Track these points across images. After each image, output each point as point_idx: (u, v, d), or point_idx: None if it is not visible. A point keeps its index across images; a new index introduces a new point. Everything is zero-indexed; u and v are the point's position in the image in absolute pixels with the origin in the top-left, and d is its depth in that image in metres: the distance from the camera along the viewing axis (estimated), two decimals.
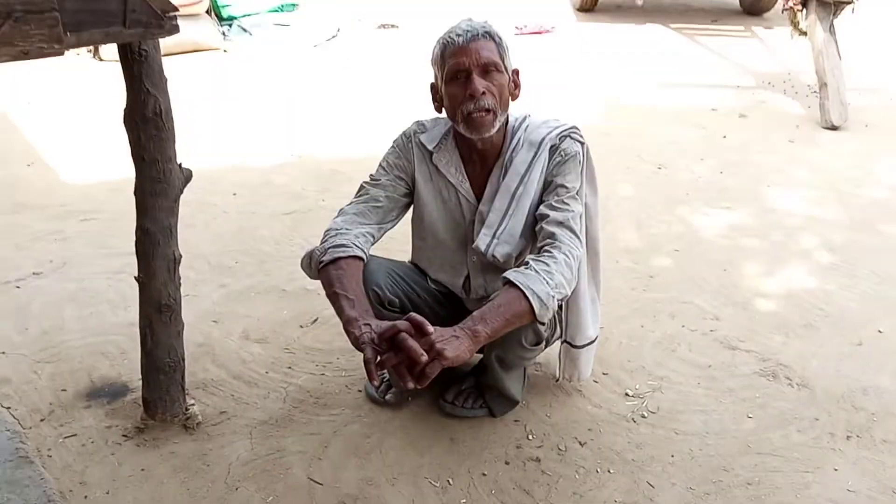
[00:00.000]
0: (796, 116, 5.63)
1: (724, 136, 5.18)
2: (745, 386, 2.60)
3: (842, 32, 5.83)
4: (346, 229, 2.18)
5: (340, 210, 2.27)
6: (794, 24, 6.03)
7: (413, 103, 3.94)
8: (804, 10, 5.86)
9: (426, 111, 2.34)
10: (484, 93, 2.08)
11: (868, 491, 2.13)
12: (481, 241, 2.23)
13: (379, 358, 1.80)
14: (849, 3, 5.60)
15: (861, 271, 3.36)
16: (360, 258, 2.13)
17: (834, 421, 2.42)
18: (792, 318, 3.00)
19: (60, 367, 2.68)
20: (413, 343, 1.77)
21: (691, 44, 7.85)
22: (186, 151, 2.39)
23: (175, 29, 1.90)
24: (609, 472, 2.21)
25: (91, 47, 7.44)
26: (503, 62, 2.13)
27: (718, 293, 3.19)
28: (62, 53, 1.66)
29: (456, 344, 1.81)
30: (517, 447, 2.31)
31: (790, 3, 5.96)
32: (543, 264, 1.99)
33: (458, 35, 2.08)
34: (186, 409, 2.38)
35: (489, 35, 2.11)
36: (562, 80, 6.46)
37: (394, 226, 2.34)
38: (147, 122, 2.07)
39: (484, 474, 2.20)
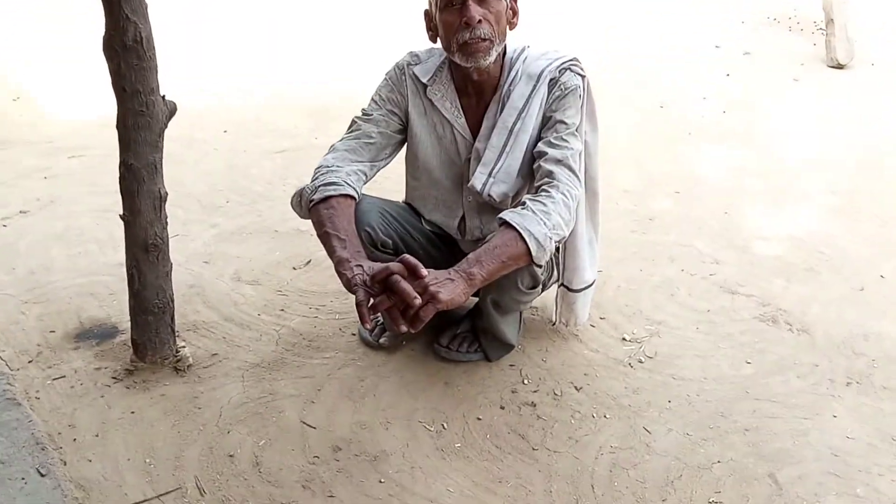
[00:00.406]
0: (801, 54, 5.52)
1: (728, 74, 5.08)
2: (745, 331, 2.56)
3: None
4: (338, 167, 2.11)
5: (332, 146, 2.20)
6: None
7: (407, 32, 3.82)
8: None
9: (420, 41, 2.24)
10: (480, 20, 1.99)
11: (867, 438, 2.11)
12: (477, 180, 2.16)
13: (372, 301, 1.75)
14: None
15: (864, 214, 3.31)
16: (352, 197, 2.07)
17: (834, 367, 2.39)
18: (793, 262, 2.95)
19: (48, 307, 2.63)
20: (406, 285, 1.72)
21: None
22: (173, 85, 2.31)
23: None
24: (605, 417, 2.18)
25: None
26: None
27: (719, 236, 3.14)
28: None
29: (451, 287, 1.77)
30: (512, 392, 2.28)
31: None
32: (541, 204, 1.93)
33: None
34: (177, 352, 2.33)
35: None
36: (559, 9, 6.30)
37: (387, 163, 2.27)
38: (127, 50, 1.97)
39: (479, 419, 2.17)
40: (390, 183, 3.14)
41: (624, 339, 2.52)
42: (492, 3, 2.02)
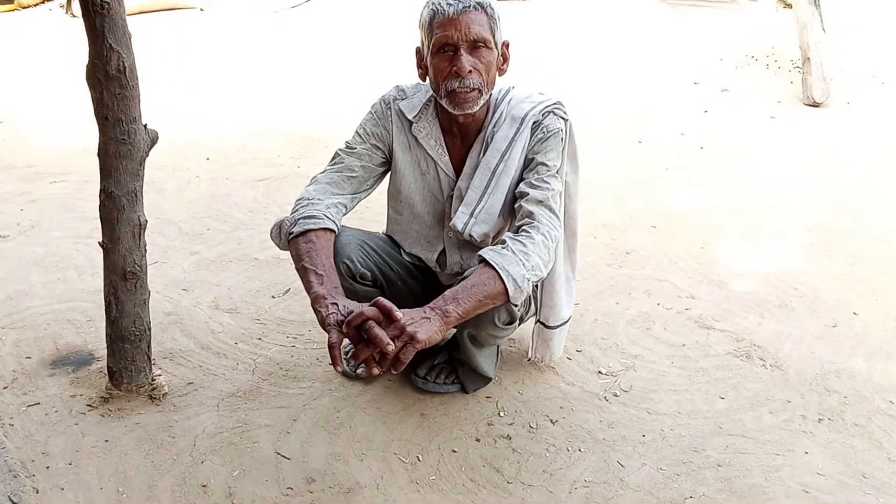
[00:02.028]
0: (778, 92, 5.62)
1: (706, 111, 5.16)
2: (719, 366, 2.59)
3: (826, 6, 5.79)
4: (318, 199, 2.12)
5: (313, 178, 2.21)
6: None
7: (391, 68, 3.88)
8: None
9: (405, 76, 2.27)
10: (471, 71, 2.00)
11: (838, 475, 2.13)
12: (458, 220, 2.18)
13: (352, 349, 1.78)
14: None
15: (837, 252, 3.36)
16: (332, 230, 2.08)
17: (806, 403, 2.42)
18: (767, 299, 2.99)
19: (25, 333, 2.62)
20: (379, 331, 1.73)
21: (675, 14, 7.78)
22: (159, 113, 2.32)
23: None
24: (580, 450, 2.19)
25: (63, 2, 7.25)
26: (493, 37, 2.04)
27: (695, 271, 3.17)
28: (12, 1, 1.58)
29: (427, 326, 1.78)
30: (488, 424, 2.28)
31: None
32: (521, 244, 1.95)
33: (449, 4, 1.98)
34: (153, 380, 2.32)
35: (481, 7, 2.00)
36: (540, 50, 6.38)
37: (369, 194, 2.28)
38: (110, 79, 1.99)
39: (454, 451, 2.18)
40: (371, 213, 3.17)
41: (600, 372, 2.54)
42: (483, 54, 2.02)
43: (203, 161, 4.08)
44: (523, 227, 2.02)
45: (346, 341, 1.83)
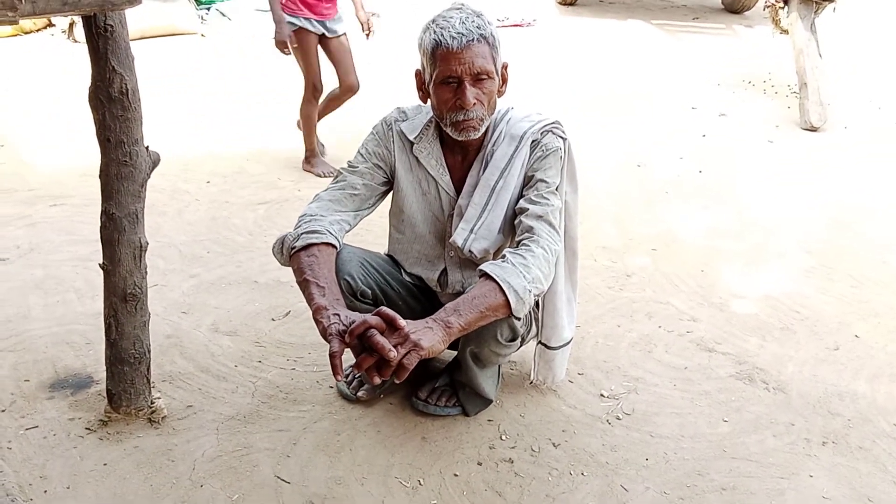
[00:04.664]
0: (776, 116, 5.64)
1: (704, 135, 5.18)
2: (721, 389, 2.58)
3: (822, 31, 5.84)
4: (321, 215, 2.13)
5: (316, 196, 2.23)
6: (776, 23, 6.03)
7: (391, 93, 3.89)
8: (786, 8, 5.86)
9: (404, 99, 2.29)
10: (475, 103, 2.04)
11: (843, 499, 2.11)
12: (458, 236, 2.19)
13: (347, 352, 1.77)
14: (830, 1, 5.61)
15: (838, 274, 3.36)
16: (334, 245, 2.09)
17: (810, 426, 2.41)
18: (769, 321, 2.98)
19: (24, 356, 2.60)
20: (381, 339, 1.73)
21: (672, 41, 7.84)
22: (160, 137, 2.33)
23: (136, 0, 1.83)
24: (582, 474, 2.18)
25: (66, 27, 7.30)
26: (495, 65, 2.07)
27: (695, 294, 3.17)
28: (16, 22, 1.59)
29: (430, 335, 1.79)
30: (490, 447, 2.27)
31: (772, 1, 5.96)
32: (521, 258, 1.96)
33: (453, 38, 1.99)
34: (152, 403, 2.31)
35: (483, 38, 2.02)
36: (541, 74, 6.42)
37: (371, 212, 2.29)
38: (113, 101, 2.00)
39: (456, 475, 2.16)
40: (371, 236, 3.17)
41: (602, 395, 2.52)
42: (486, 84, 2.06)
43: (203, 184, 4.09)
44: (523, 242, 2.03)
45: (346, 363, 1.82)
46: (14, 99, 5.48)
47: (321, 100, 4.20)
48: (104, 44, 1.95)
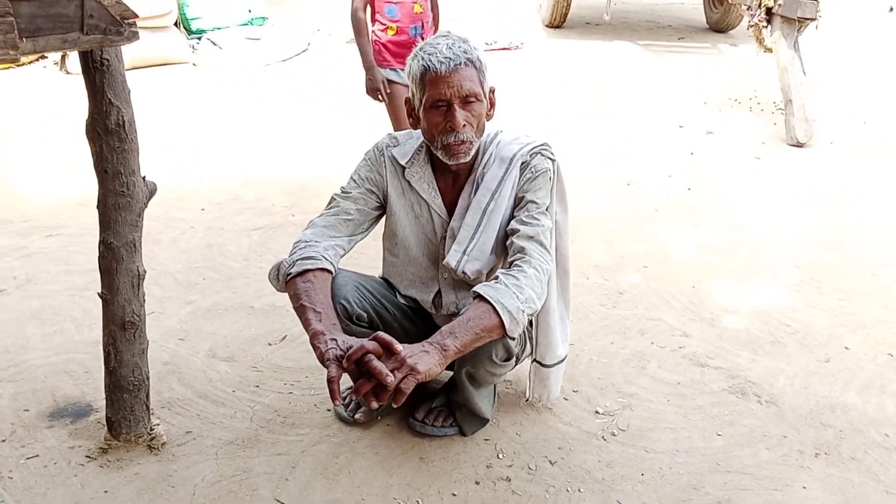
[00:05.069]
0: (762, 133, 5.71)
1: (692, 153, 5.23)
2: (714, 403, 2.61)
3: (806, 49, 5.92)
4: (316, 241, 2.16)
5: (310, 222, 2.26)
6: (760, 41, 6.11)
7: (383, 118, 3.93)
8: (769, 27, 5.95)
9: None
10: (465, 125, 2.09)
11: None
12: (451, 258, 2.23)
13: (353, 385, 1.80)
14: (812, 19, 5.70)
15: (826, 288, 3.40)
16: (329, 271, 2.12)
17: (802, 438, 2.44)
18: (760, 335, 3.02)
19: (23, 386, 2.62)
20: (379, 364, 1.76)
21: (659, 61, 7.94)
22: (153, 166, 2.36)
23: (135, 36, 1.87)
24: (579, 491, 2.20)
25: (58, 59, 7.35)
26: (482, 88, 2.13)
27: (687, 310, 3.20)
28: (18, 60, 1.63)
29: (427, 359, 1.82)
30: (487, 466, 2.29)
31: (755, 20, 6.04)
32: (513, 278, 2.00)
33: (441, 62, 2.05)
34: (151, 430, 2.33)
35: (470, 62, 2.09)
36: (530, 96, 6.49)
37: (364, 237, 2.33)
38: (110, 133, 2.04)
39: (454, 494, 2.18)
40: (366, 259, 3.20)
41: (597, 412, 2.55)
42: (474, 107, 2.11)
43: (198, 211, 4.12)
44: (515, 262, 2.07)
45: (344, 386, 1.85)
46: (7, 130, 5.51)
47: None
48: (101, 77, 1.99)
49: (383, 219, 2.37)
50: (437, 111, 2.11)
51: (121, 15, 1.80)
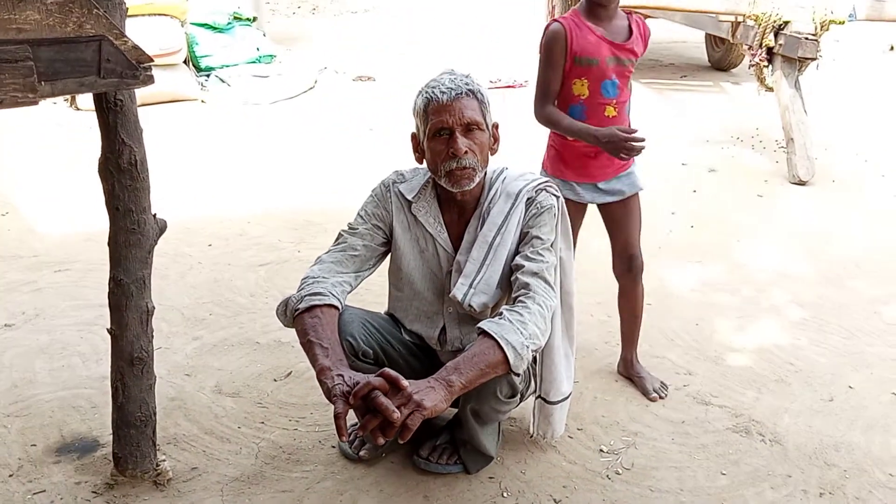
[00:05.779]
0: (765, 171, 5.74)
1: (695, 191, 5.27)
2: (719, 442, 2.61)
3: (807, 88, 5.98)
4: (323, 277, 2.20)
5: (318, 258, 2.29)
6: (761, 80, 6.17)
7: (389, 155, 3.99)
8: (770, 67, 6.01)
9: (402, 163, 2.37)
10: (466, 152, 2.14)
11: None
12: (458, 291, 2.25)
13: (359, 422, 1.83)
14: (813, 59, 5.76)
15: (830, 326, 3.41)
16: (336, 307, 2.15)
17: (807, 478, 2.44)
18: (764, 374, 3.02)
19: (30, 421, 2.64)
20: (385, 400, 1.78)
21: (661, 99, 8.01)
22: (162, 202, 2.40)
23: (150, 80, 1.92)
24: None
25: (67, 96, 7.45)
26: (485, 119, 2.20)
27: (691, 348, 3.22)
28: (36, 103, 1.68)
29: (432, 395, 1.84)
30: None
31: (756, 60, 6.11)
32: (517, 314, 2.02)
33: (443, 92, 2.14)
34: (157, 465, 2.34)
35: (472, 93, 2.17)
36: (533, 134, 6.55)
37: (371, 273, 2.36)
38: (122, 172, 2.08)
39: None
40: (371, 295, 3.21)
41: (601, 450, 2.55)
42: (476, 135, 2.17)
43: (205, 247, 4.15)
44: (519, 298, 2.10)
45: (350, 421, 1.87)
46: (18, 166, 5.57)
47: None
48: (114, 117, 2.04)
49: (390, 254, 2.40)
50: (439, 139, 2.17)
51: (137, 59, 1.85)
